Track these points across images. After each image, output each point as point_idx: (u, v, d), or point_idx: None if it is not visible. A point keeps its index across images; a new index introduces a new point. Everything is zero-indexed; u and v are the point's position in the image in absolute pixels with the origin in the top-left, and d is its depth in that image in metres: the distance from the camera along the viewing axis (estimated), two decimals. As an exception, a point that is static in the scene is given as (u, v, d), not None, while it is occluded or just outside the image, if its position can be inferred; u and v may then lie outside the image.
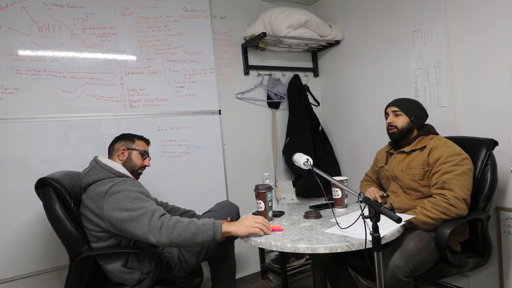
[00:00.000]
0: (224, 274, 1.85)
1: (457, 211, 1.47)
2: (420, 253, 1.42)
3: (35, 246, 1.89)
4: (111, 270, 1.51)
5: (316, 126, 2.79)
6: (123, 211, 1.40)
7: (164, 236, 1.36)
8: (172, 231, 1.36)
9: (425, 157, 1.62)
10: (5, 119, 1.84)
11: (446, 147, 1.59)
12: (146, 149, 1.73)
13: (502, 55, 1.79)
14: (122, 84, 2.15)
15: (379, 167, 1.88)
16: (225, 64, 2.57)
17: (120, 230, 1.43)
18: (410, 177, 1.66)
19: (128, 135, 1.71)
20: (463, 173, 1.52)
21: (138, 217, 1.38)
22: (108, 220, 1.43)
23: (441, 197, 1.50)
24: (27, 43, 1.90)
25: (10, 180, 1.84)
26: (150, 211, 1.40)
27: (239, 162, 2.61)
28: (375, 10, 2.45)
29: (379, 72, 2.47)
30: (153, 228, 1.36)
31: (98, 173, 1.53)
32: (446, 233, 1.44)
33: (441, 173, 1.54)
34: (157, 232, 1.36)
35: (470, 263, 1.58)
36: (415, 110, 1.73)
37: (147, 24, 2.25)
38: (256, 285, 2.59)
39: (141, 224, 1.38)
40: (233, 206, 1.80)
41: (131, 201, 1.42)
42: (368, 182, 2.00)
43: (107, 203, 1.43)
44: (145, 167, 1.72)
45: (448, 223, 1.48)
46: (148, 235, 1.36)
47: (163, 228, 1.36)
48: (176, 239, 1.36)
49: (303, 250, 1.23)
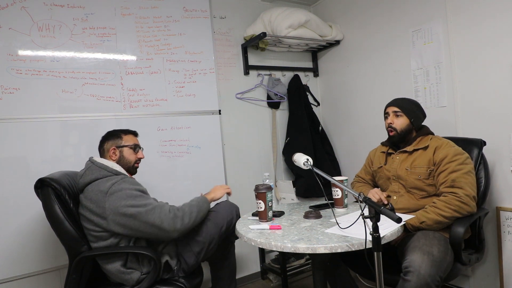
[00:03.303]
0: (224, 274, 1.85)
1: (469, 208, 1.49)
2: (445, 258, 1.39)
3: (35, 246, 1.89)
4: (111, 270, 1.50)
5: (316, 126, 2.79)
6: (130, 208, 1.43)
7: (178, 224, 1.49)
8: (184, 218, 1.51)
9: (430, 156, 1.62)
10: (5, 119, 1.84)
11: (450, 146, 1.61)
12: (136, 141, 1.72)
13: (502, 55, 1.79)
14: (122, 84, 2.15)
15: (378, 167, 1.87)
16: (225, 64, 2.57)
17: (130, 227, 1.45)
18: (416, 176, 1.65)
19: (114, 132, 1.68)
20: (469, 172, 1.55)
21: (147, 212, 1.45)
22: (113, 219, 1.43)
23: (453, 196, 1.50)
24: (27, 43, 1.90)
25: (10, 180, 1.84)
26: (158, 206, 1.48)
27: (239, 162, 2.60)
28: (375, 10, 2.45)
29: (379, 72, 2.47)
30: (167, 219, 1.47)
31: (94, 172, 1.53)
32: (461, 232, 1.46)
33: (449, 172, 1.54)
34: (171, 223, 1.47)
35: (473, 259, 1.61)
36: (415, 111, 1.73)
37: (147, 24, 2.25)
38: (256, 285, 2.59)
39: (154, 217, 1.45)
40: (233, 206, 1.80)
41: (135, 199, 1.46)
42: (361, 183, 1.98)
43: (109, 202, 1.43)
44: (140, 160, 1.72)
45: (460, 222, 1.49)
46: (163, 225, 1.46)
47: (177, 219, 1.49)
48: (187, 223, 1.52)
49: (303, 250, 1.23)
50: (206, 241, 1.63)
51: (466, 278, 2.05)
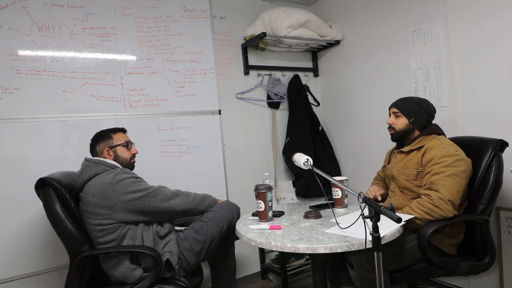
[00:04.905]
0: (224, 274, 1.85)
1: (441, 212, 1.45)
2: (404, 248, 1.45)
3: (35, 246, 1.89)
4: (112, 268, 1.51)
5: (316, 126, 2.79)
6: (136, 193, 1.52)
7: (184, 196, 1.65)
8: (188, 195, 1.67)
9: (419, 157, 1.61)
10: (5, 119, 1.84)
11: (441, 148, 1.55)
12: (127, 138, 1.73)
13: (502, 55, 1.79)
14: (122, 84, 2.15)
15: (383, 166, 1.91)
16: (225, 64, 2.57)
17: (139, 210, 1.53)
18: (405, 177, 1.66)
19: (102, 134, 1.69)
20: (454, 175, 1.48)
21: (154, 192, 1.56)
22: (122, 207, 1.48)
23: (426, 198, 1.49)
24: (27, 43, 1.90)
25: (10, 180, 1.84)
26: (161, 187, 1.62)
27: (239, 162, 2.61)
28: (375, 10, 2.45)
29: (379, 72, 2.47)
30: (172, 195, 1.61)
31: (92, 169, 1.55)
32: (426, 232, 1.44)
33: (432, 174, 1.52)
34: (178, 197, 1.62)
35: (463, 266, 1.54)
36: (416, 110, 1.70)
37: (147, 24, 2.25)
38: (256, 285, 2.59)
39: (161, 196, 1.57)
40: (233, 206, 1.80)
41: (140, 183, 1.57)
42: (377, 180, 2.01)
43: (116, 191, 1.48)
44: (135, 155, 1.74)
45: (432, 224, 1.47)
46: (171, 200, 1.59)
47: (181, 195, 1.65)
48: (192, 201, 1.67)
49: (303, 250, 1.23)
50: (207, 240, 1.64)
51: (465, 278, 2.05)
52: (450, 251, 1.58)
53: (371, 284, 1.43)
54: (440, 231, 1.55)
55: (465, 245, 1.63)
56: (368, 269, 1.43)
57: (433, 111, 1.73)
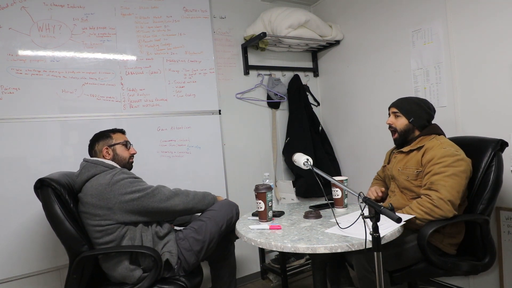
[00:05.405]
0: (224, 273, 1.85)
1: (441, 212, 1.45)
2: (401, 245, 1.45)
3: (35, 246, 1.89)
4: (112, 269, 1.51)
5: (316, 126, 2.79)
6: (134, 193, 1.51)
7: (184, 195, 1.64)
8: (188, 194, 1.66)
9: (419, 157, 1.61)
10: (5, 119, 1.84)
11: (441, 148, 1.55)
12: (125, 138, 1.74)
13: (502, 55, 1.79)
14: (122, 84, 2.15)
15: (383, 166, 1.91)
16: (225, 64, 2.57)
17: (138, 211, 1.51)
18: (405, 177, 1.66)
19: (102, 134, 1.70)
20: (454, 175, 1.48)
21: (152, 192, 1.55)
22: (120, 207, 1.48)
23: (426, 198, 1.49)
24: (27, 43, 1.90)
25: (10, 180, 1.84)
26: (161, 186, 1.60)
27: (239, 162, 2.60)
28: (375, 10, 2.45)
29: (379, 72, 2.47)
30: (171, 194, 1.59)
31: (91, 169, 1.55)
32: (426, 232, 1.44)
33: (431, 174, 1.52)
34: (177, 197, 1.61)
35: (463, 266, 1.54)
36: (416, 110, 1.69)
37: (147, 24, 2.25)
38: (256, 285, 2.59)
39: (159, 196, 1.56)
40: (233, 205, 1.80)
41: (138, 184, 1.55)
42: (376, 180, 2.01)
43: (114, 191, 1.48)
44: (133, 155, 1.74)
45: (432, 224, 1.47)
46: (170, 200, 1.58)
47: (181, 194, 1.63)
48: (191, 200, 1.66)
49: (303, 250, 1.23)
50: (206, 239, 1.64)
51: (465, 278, 2.05)
52: (450, 251, 1.58)
53: (371, 284, 1.43)
54: (440, 231, 1.55)
55: (465, 245, 1.63)
56: (368, 269, 1.43)
57: (432, 111, 1.73)
